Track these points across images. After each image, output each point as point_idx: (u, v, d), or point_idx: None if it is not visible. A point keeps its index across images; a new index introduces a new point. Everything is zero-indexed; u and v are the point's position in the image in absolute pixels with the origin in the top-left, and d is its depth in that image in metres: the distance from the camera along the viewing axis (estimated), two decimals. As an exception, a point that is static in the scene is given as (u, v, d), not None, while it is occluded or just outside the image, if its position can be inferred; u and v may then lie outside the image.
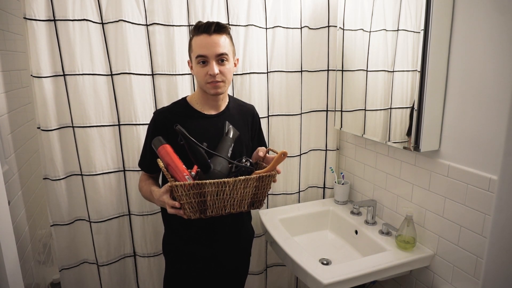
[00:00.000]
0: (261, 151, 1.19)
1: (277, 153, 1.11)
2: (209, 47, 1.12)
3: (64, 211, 1.45)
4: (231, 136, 1.16)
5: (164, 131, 1.16)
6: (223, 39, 1.14)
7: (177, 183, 0.99)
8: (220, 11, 1.52)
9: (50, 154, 1.38)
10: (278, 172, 1.11)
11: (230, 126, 1.18)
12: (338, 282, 1.19)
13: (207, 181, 1.00)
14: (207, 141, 1.13)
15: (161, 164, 1.08)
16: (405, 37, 1.31)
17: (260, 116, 1.65)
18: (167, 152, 1.06)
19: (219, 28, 1.14)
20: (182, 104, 1.25)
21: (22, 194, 1.43)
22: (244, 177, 1.05)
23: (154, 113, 1.24)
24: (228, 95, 1.31)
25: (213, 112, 1.24)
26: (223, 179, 1.02)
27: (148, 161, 1.23)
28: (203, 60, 1.14)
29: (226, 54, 1.15)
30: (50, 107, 1.35)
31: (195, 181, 1.00)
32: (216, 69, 1.13)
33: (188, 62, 1.23)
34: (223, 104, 1.27)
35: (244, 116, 1.32)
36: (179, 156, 1.08)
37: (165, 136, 1.12)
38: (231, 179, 1.03)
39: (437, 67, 1.21)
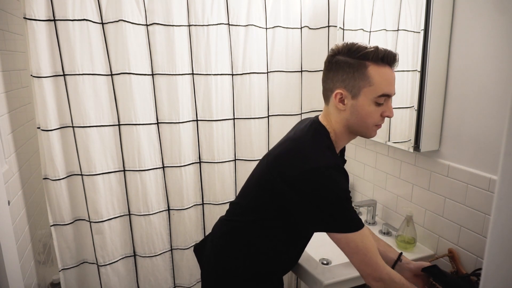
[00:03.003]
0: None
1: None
2: (394, 85, 0.93)
3: (64, 211, 1.45)
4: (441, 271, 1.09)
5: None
6: None
7: None
8: (220, 11, 1.52)
9: (50, 154, 1.38)
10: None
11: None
12: (338, 282, 1.19)
13: None
14: None
15: None
16: (405, 37, 1.31)
17: (260, 116, 1.66)
18: None
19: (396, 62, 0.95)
20: (332, 147, 0.98)
21: (22, 194, 1.43)
22: None
23: (336, 171, 0.91)
24: None
25: None
26: None
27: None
28: (384, 100, 0.92)
29: None
30: (50, 107, 1.35)
31: None
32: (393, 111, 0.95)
33: (337, 94, 0.94)
34: None
35: None
36: None
37: None
38: None
39: (437, 67, 1.21)
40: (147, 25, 1.43)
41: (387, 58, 0.89)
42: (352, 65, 0.90)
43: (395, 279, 0.93)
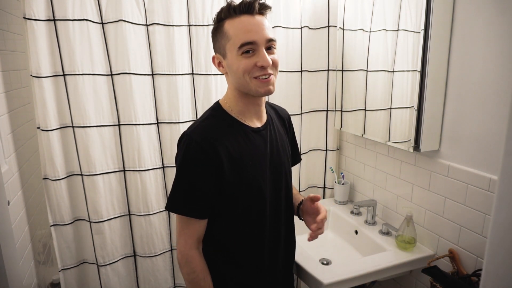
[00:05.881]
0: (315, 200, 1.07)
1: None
2: (257, 30, 0.86)
3: (64, 211, 1.45)
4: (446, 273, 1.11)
5: (215, 162, 0.90)
6: (267, 22, 0.90)
7: None
8: (220, 11, 1.52)
9: (50, 154, 1.38)
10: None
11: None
12: (338, 282, 1.19)
13: None
14: (258, 163, 0.95)
15: None
16: (405, 37, 1.31)
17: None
18: None
19: (263, 8, 0.89)
20: (222, 116, 0.97)
21: (22, 194, 1.43)
22: None
23: (193, 140, 0.90)
24: None
25: (258, 124, 1.00)
26: None
27: (204, 204, 0.93)
28: (249, 49, 0.87)
29: (275, 41, 0.91)
30: (50, 107, 1.35)
31: None
32: (268, 58, 0.87)
33: (213, 59, 0.96)
34: (264, 111, 1.03)
35: (283, 123, 1.13)
36: None
37: (216, 168, 0.90)
38: None
39: (437, 67, 1.21)
40: (147, 25, 1.43)
41: (240, 8, 0.87)
42: (215, 29, 0.93)
43: (192, 265, 0.95)
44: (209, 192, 0.92)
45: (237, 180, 0.94)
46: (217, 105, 1.00)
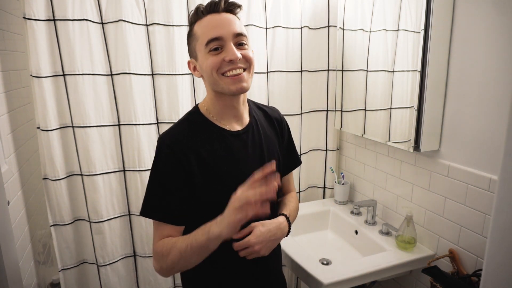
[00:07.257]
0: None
1: None
2: (222, 26, 0.85)
3: (64, 211, 1.45)
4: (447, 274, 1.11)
5: (185, 167, 0.88)
6: (236, 19, 0.89)
7: None
8: (220, 11, 1.52)
9: (50, 154, 1.38)
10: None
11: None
12: (338, 282, 1.19)
13: None
14: (236, 168, 0.91)
15: None
16: (405, 37, 1.31)
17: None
18: None
19: (231, 6, 0.89)
20: (198, 119, 0.94)
21: (22, 194, 1.43)
22: None
23: (164, 143, 0.89)
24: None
25: (238, 127, 0.96)
26: None
27: (176, 208, 0.89)
28: (217, 46, 0.85)
29: (245, 36, 0.89)
30: (50, 107, 1.35)
31: None
32: (237, 51, 0.85)
33: (189, 64, 0.95)
34: (246, 112, 0.98)
35: (272, 124, 1.07)
36: None
37: (186, 172, 0.88)
38: None
39: (437, 67, 1.21)
40: (147, 25, 1.43)
41: (206, 8, 0.88)
42: (188, 34, 0.93)
43: (163, 252, 0.88)
44: (180, 197, 0.89)
45: (211, 186, 0.90)
46: (195, 108, 0.98)
